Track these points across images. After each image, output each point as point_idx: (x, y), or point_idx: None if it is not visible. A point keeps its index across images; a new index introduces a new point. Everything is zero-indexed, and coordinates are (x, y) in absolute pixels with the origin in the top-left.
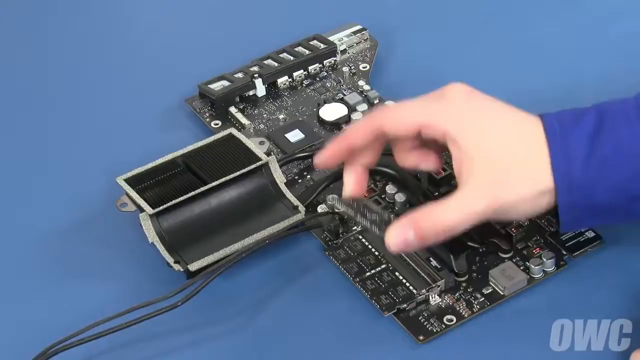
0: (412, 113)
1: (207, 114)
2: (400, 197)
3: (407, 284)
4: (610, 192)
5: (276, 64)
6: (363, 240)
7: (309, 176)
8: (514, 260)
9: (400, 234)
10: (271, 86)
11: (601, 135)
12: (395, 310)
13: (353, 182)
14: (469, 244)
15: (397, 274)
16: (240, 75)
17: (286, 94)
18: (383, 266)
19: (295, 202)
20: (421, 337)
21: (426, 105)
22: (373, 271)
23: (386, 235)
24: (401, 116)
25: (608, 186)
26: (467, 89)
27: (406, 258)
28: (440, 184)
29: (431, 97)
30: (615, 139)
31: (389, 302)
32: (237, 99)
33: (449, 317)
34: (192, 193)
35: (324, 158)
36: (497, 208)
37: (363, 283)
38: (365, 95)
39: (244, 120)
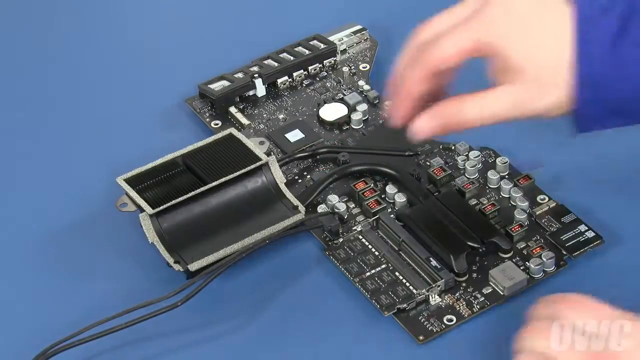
0: (458, 44)
1: (207, 114)
2: (400, 197)
3: (407, 284)
4: (629, 89)
5: (276, 64)
6: (363, 240)
7: (309, 176)
8: (514, 260)
9: (426, 120)
10: (271, 86)
11: (625, 30)
12: (395, 310)
13: (406, 116)
14: (469, 244)
15: (397, 274)
16: (240, 75)
17: (286, 94)
18: (383, 266)
19: (295, 202)
20: (421, 337)
21: (472, 31)
22: (373, 271)
23: (414, 123)
24: (449, 51)
25: (627, 85)
26: None
27: (406, 258)
28: (440, 183)
29: (472, 18)
30: (638, 35)
31: (389, 302)
32: (237, 99)
33: (449, 317)
34: (192, 193)
35: (400, 119)
36: (522, 111)
37: (363, 283)
38: (365, 95)
39: (244, 120)
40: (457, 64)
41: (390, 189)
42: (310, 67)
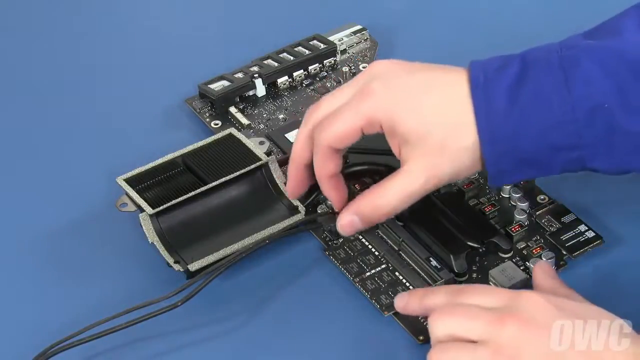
0: (347, 123)
1: (207, 114)
2: None
3: (407, 284)
4: (532, 143)
5: (276, 64)
6: (363, 240)
7: None
8: (514, 260)
9: (347, 218)
10: (271, 86)
11: (523, 85)
12: (395, 310)
13: (335, 195)
14: (469, 244)
15: (397, 274)
16: (240, 75)
17: (286, 94)
18: (383, 266)
19: (295, 202)
20: (421, 337)
21: (358, 109)
22: (373, 271)
23: (337, 219)
24: (340, 130)
25: (529, 136)
26: (384, 69)
27: (406, 258)
28: None
29: (356, 96)
30: (535, 88)
31: (389, 302)
32: (237, 99)
33: None
34: (192, 193)
35: (294, 191)
36: (438, 181)
37: (363, 283)
38: None
39: (244, 120)
40: (354, 141)
41: None
42: (310, 67)
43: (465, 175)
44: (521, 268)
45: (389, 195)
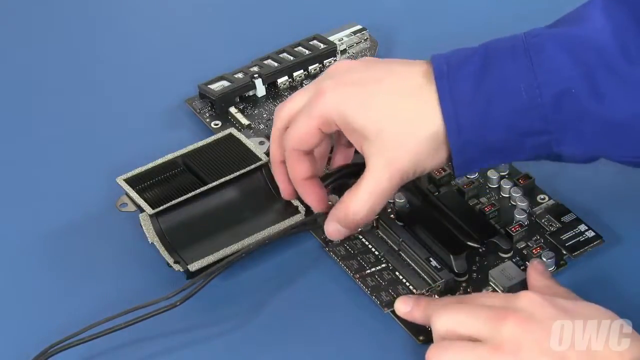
0: (306, 125)
1: (207, 114)
2: (400, 197)
3: (407, 284)
4: (499, 129)
5: (276, 64)
6: (363, 239)
7: None
8: (514, 260)
9: (331, 226)
10: (271, 86)
11: (487, 73)
12: (394, 308)
13: (311, 198)
14: (469, 244)
15: (397, 273)
16: (240, 75)
17: (286, 94)
18: (383, 265)
19: (295, 202)
20: (421, 337)
21: (310, 112)
22: (373, 269)
23: (325, 228)
24: (300, 132)
25: (496, 123)
26: (342, 67)
27: (406, 258)
28: (440, 183)
29: (311, 98)
30: (500, 75)
31: (389, 300)
32: (237, 99)
33: None
34: (192, 193)
35: (286, 190)
36: (402, 175)
37: (363, 279)
38: None
39: (244, 120)
40: (317, 141)
41: None
42: (310, 67)
43: (432, 167)
44: (521, 268)
45: (360, 200)
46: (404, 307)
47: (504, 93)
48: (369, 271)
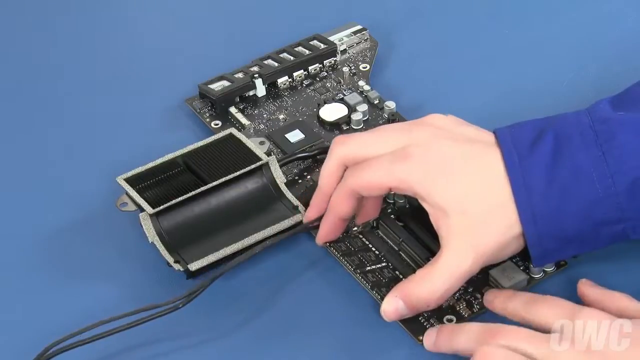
0: (380, 178)
1: (207, 114)
2: (400, 197)
3: None
4: (574, 220)
5: (276, 64)
6: (363, 239)
7: (309, 176)
8: (514, 260)
9: (392, 304)
10: (271, 86)
11: (559, 162)
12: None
13: (326, 230)
14: None
15: (397, 273)
16: (240, 75)
17: (286, 94)
18: (383, 264)
19: (295, 202)
20: (421, 337)
21: (391, 169)
22: (374, 267)
23: (382, 304)
24: (371, 181)
25: (571, 214)
26: (428, 135)
27: (406, 258)
28: None
29: (394, 155)
30: (573, 165)
31: None
32: (237, 99)
33: (449, 317)
34: (192, 193)
35: (312, 217)
36: (486, 260)
37: (364, 275)
38: (365, 96)
39: (244, 120)
40: (377, 194)
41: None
42: (310, 67)
43: (507, 255)
44: (521, 268)
45: (438, 280)
46: (428, 339)
47: (578, 184)
48: (369, 268)
